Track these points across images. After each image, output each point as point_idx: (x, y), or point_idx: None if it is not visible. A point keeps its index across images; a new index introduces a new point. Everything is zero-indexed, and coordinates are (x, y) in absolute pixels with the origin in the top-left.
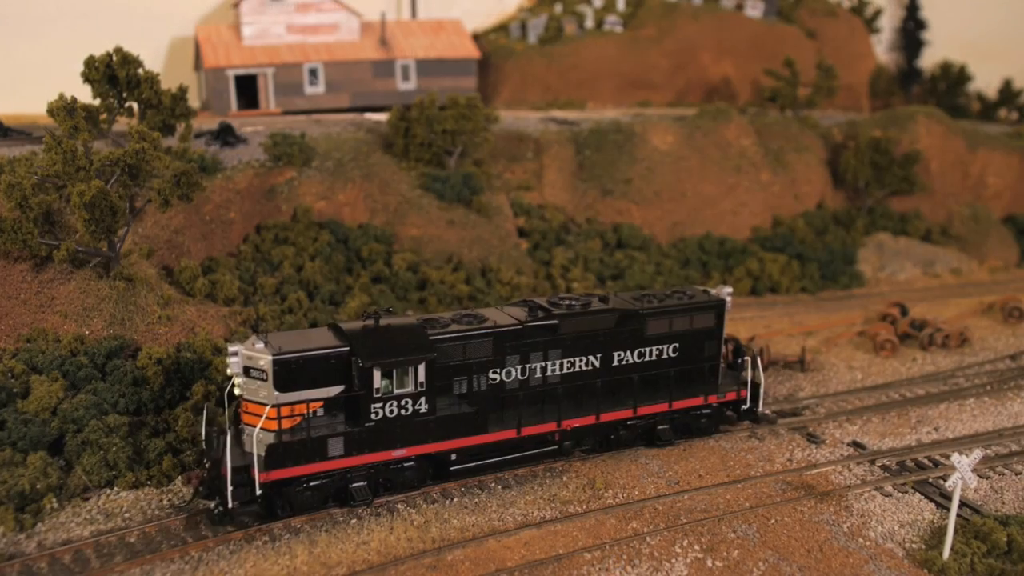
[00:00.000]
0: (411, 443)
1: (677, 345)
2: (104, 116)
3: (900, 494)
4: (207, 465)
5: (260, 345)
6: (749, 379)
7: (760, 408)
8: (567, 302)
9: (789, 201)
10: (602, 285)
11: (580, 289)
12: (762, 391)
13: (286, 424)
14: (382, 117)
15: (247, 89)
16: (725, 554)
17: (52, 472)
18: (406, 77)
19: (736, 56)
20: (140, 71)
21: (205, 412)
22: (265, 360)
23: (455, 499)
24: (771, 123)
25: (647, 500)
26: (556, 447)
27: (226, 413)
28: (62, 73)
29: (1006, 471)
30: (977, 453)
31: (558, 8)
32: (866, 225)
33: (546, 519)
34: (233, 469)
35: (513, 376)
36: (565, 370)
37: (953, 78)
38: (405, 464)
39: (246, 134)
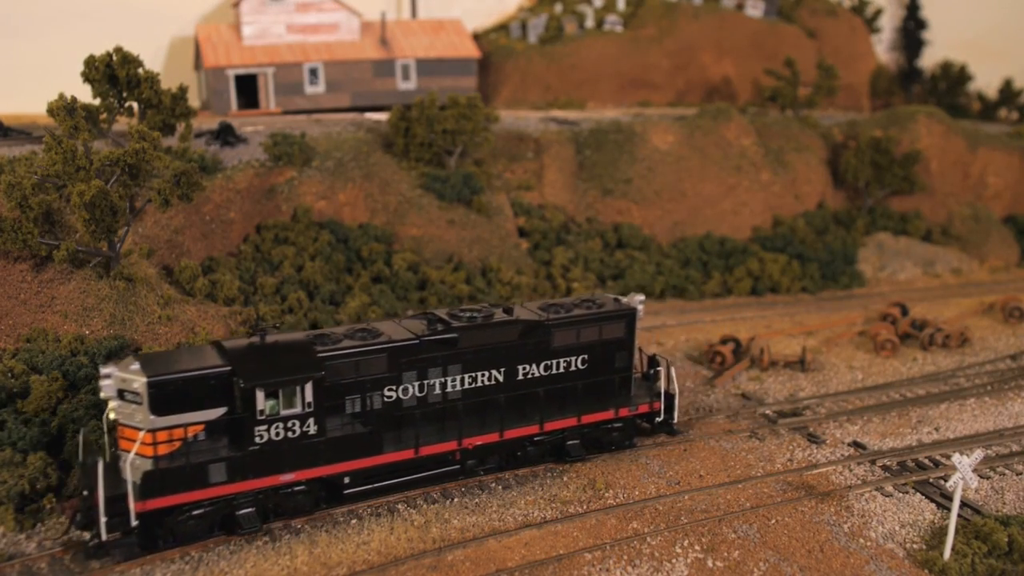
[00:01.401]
0: (300, 467)
1: (586, 357)
2: (104, 116)
3: (901, 494)
4: (84, 494)
5: (135, 366)
6: (663, 390)
7: (676, 419)
8: (468, 314)
9: (789, 201)
10: (602, 285)
11: (580, 289)
12: (677, 402)
13: (164, 450)
14: (382, 117)
15: (247, 89)
16: (726, 554)
17: (52, 472)
18: (406, 77)
19: (736, 56)
20: (140, 71)
21: (82, 436)
22: (140, 382)
23: (455, 499)
24: (771, 123)
25: (648, 500)
26: (458, 466)
27: (105, 438)
28: (62, 73)
29: (1007, 471)
30: (978, 453)
31: (558, 8)
32: (866, 225)
33: (547, 519)
34: (107, 499)
35: (410, 393)
36: (466, 385)
37: (953, 78)
38: (295, 488)
39: (246, 134)
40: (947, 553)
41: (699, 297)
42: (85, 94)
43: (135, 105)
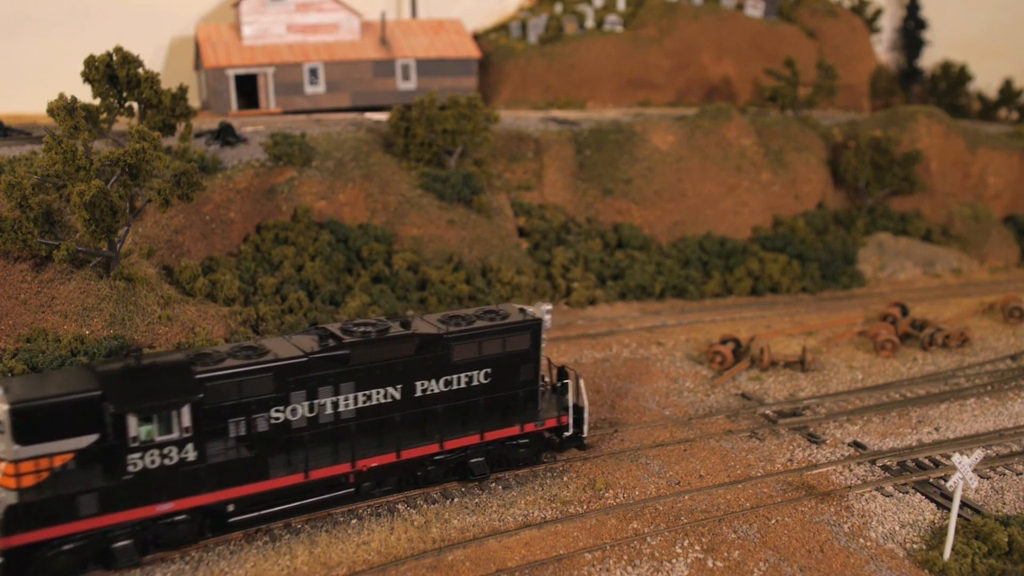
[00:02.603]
0: (179, 495)
1: (489, 371)
2: (104, 116)
3: (901, 494)
4: None
5: None
6: (571, 403)
7: (585, 433)
8: (362, 329)
9: (789, 201)
10: (602, 285)
11: (580, 289)
12: (586, 415)
13: (29, 481)
14: (382, 117)
15: (247, 89)
16: (726, 554)
17: None
18: (406, 77)
19: (736, 56)
20: (140, 71)
21: None
22: (1, 410)
23: (455, 499)
24: (771, 123)
25: (648, 500)
26: (352, 489)
27: None
28: (62, 73)
29: (1007, 471)
30: (978, 453)
31: (558, 8)
32: (866, 225)
33: (547, 519)
34: None
35: (300, 414)
36: (360, 404)
37: (953, 78)
38: (175, 519)
39: (246, 134)
40: (947, 553)
41: (699, 297)
42: (85, 94)
43: (135, 105)
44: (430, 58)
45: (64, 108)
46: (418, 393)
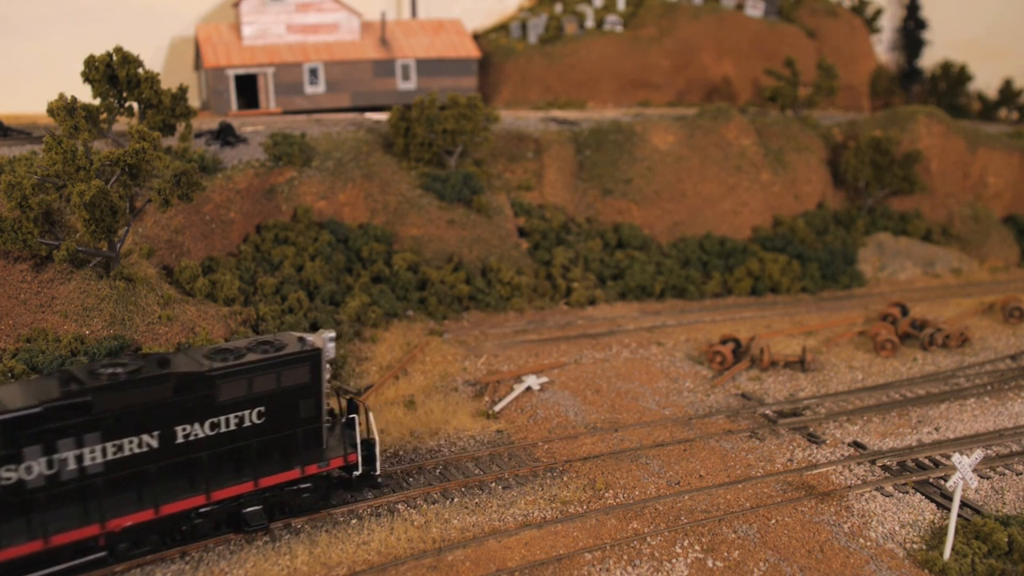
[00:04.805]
0: None
1: (262, 409)
2: (104, 116)
3: (901, 494)
4: None
5: None
6: (359, 439)
7: (379, 470)
8: (109, 370)
9: (789, 201)
10: (602, 285)
11: (580, 289)
12: (378, 450)
13: None
14: (382, 117)
15: (247, 89)
16: (726, 554)
17: None
18: (406, 77)
19: (736, 56)
20: (140, 71)
21: None
22: None
23: (455, 499)
24: (771, 123)
25: (647, 500)
26: (105, 552)
27: None
28: (62, 73)
29: (1007, 471)
30: (978, 453)
31: (558, 8)
32: (866, 225)
33: (547, 519)
34: None
35: (35, 472)
36: (109, 457)
37: (953, 78)
38: None
39: (246, 134)
40: (947, 553)
41: (699, 297)
42: (85, 94)
43: (135, 105)
44: (430, 58)
45: (64, 108)
46: (179, 439)
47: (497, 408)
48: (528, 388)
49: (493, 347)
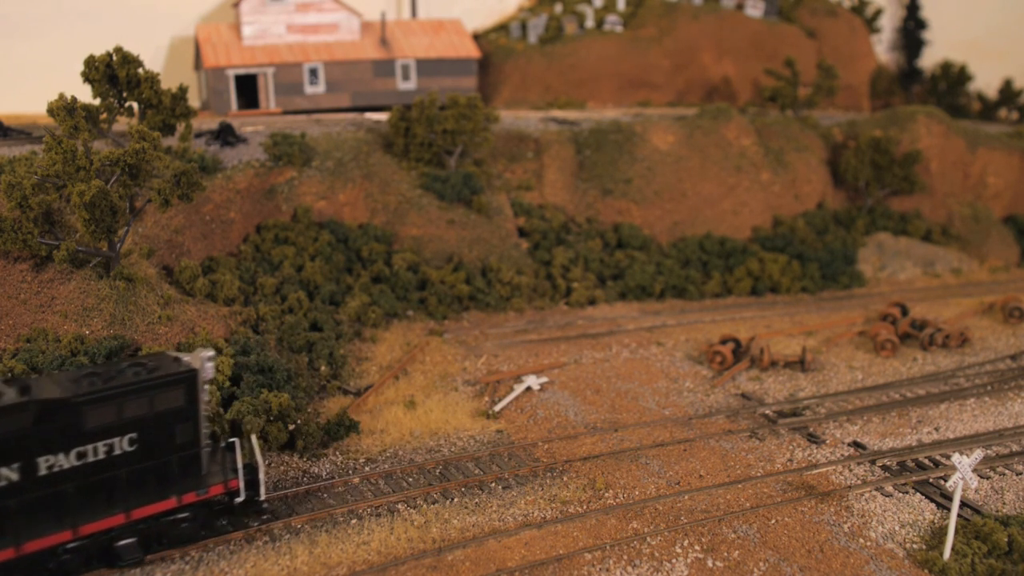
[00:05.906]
0: None
1: (134, 436)
2: (104, 116)
3: (901, 494)
4: None
5: None
6: (240, 464)
7: (263, 495)
8: None
9: (789, 201)
10: (602, 285)
11: (580, 289)
12: (262, 475)
13: None
14: (382, 117)
15: (247, 89)
16: (726, 554)
17: None
18: (406, 77)
19: (736, 56)
20: (140, 71)
21: None
22: None
23: (455, 499)
24: (771, 123)
25: (647, 500)
26: None
27: None
28: (62, 73)
29: (1007, 471)
30: (978, 453)
31: (558, 8)
32: (866, 225)
33: (547, 519)
34: None
35: None
36: None
37: (953, 78)
38: None
39: (246, 134)
40: (947, 553)
41: (699, 297)
42: (85, 94)
43: (135, 105)
44: (430, 58)
45: (64, 108)
46: (42, 471)
47: (497, 408)
48: (528, 388)
49: (493, 347)
